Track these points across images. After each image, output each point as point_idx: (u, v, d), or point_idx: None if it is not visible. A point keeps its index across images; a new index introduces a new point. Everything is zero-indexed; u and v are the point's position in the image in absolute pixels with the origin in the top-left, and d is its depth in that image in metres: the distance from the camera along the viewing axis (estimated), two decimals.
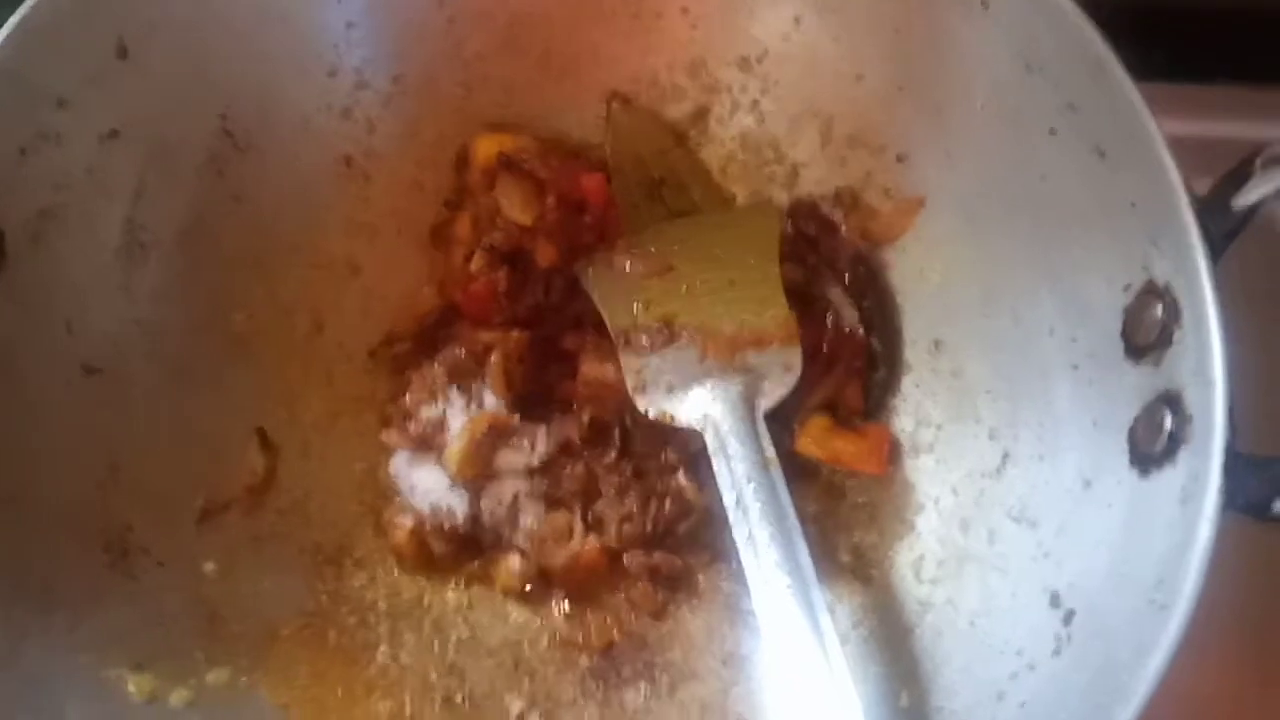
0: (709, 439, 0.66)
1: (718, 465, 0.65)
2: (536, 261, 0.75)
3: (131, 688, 0.62)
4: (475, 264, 0.75)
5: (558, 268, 0.75)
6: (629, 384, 0.70)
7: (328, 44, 0.73)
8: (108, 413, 0.67)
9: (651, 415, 0.69)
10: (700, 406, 0.68)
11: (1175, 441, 0.53)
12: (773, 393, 0.68)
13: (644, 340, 0.71)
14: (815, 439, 0.71)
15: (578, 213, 0.76)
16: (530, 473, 0.72)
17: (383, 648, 0.70)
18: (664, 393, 0.69)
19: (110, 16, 0.64)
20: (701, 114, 0.78)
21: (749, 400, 0.67)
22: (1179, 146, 0.56)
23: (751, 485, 0.63)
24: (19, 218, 0.62)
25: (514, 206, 0.74)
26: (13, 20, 0.61)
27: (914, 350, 0.73)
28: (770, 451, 0.65)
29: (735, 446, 0.65)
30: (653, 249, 0.74)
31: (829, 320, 0.74)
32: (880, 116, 0.72)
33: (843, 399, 0.73)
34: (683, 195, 0.78)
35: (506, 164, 0.75)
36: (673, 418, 0.69)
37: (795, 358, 0.69)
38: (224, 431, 0.72)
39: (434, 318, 0.77)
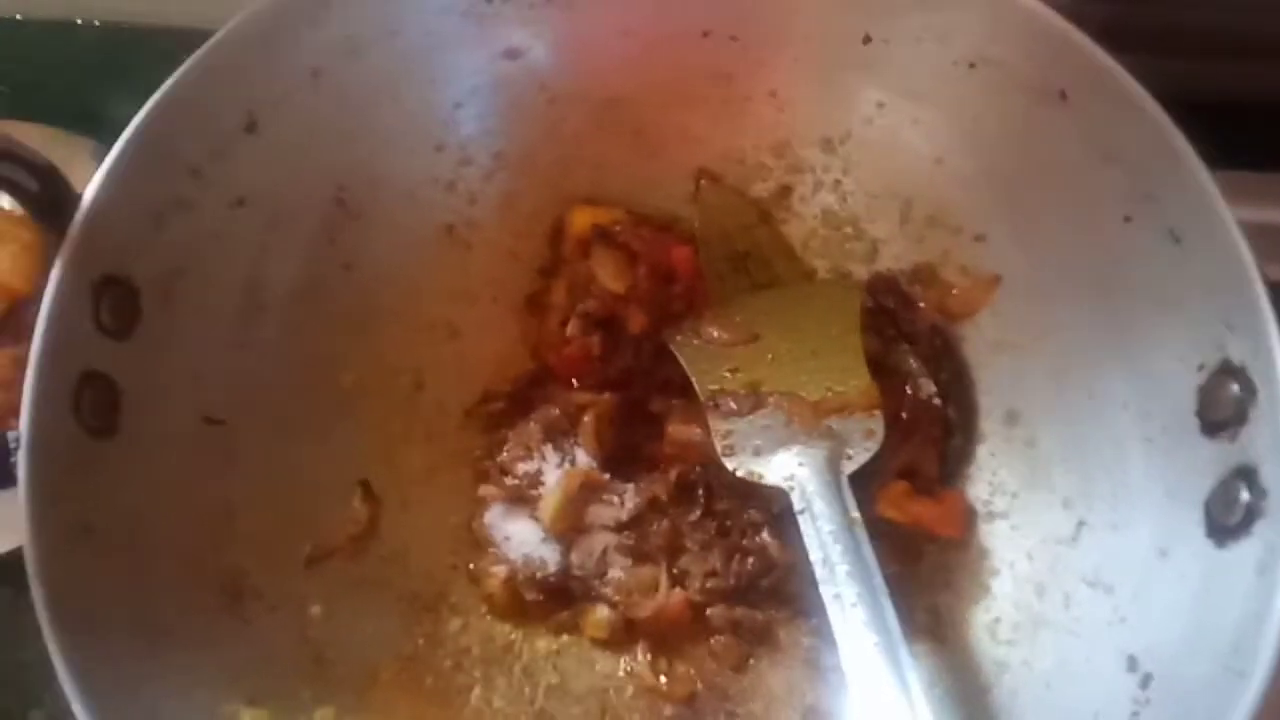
0: (795, 499, 0.69)
1: (804, 525, 0.68)
2: (628, 328, 0.79)
3: None
4: (570, 329, 0.79)
5: (648, 334, 0.79)
6: (718, 446, 0.73)
7: (436, 122, 0.77)
8: (224, 463, 0.71)
9: (740, 474, 0.72)
10: (787, 468, 0.71)
11: (1251, 514, 0.56)
12: (857, 457, 0.71)
13: (732, 405, 0.74)
14: (894, 503, 0.74)
15: (667, 282, 0.80)
16: (619, 527, 0.75)
17: (476, 691, 0.73)
18: (751, 455, 0.72)
19: (242, 93, 0.69)
20: (785, 192, 0.81)
21: (834, 464, 0.70)
22: (1252, 233, 0.58)
23: (839, 546, 0.66)
24: (153, 277, 0.66)
25: (608, 275, 0.79)
26: (157, 94, 0.65)
27: (989, 420, 0.75)
28: (855, 513, 0.68)
29: (821, 507, 0.68)
30: (738, 319, 0.78)
31: (907, 390, 0.77)
32: (959, 198, 0.75)
33: (920, 466, 0.75)
34: (766, 268, 0.81)
35: (601, 235, 0.79)
36: (761, 477, 0.71)
37: (878, 424, 0.72)
38: (330, 482, 0.75)
39: (528, 379, 0.81)
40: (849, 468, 0.70)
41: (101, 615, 0.60)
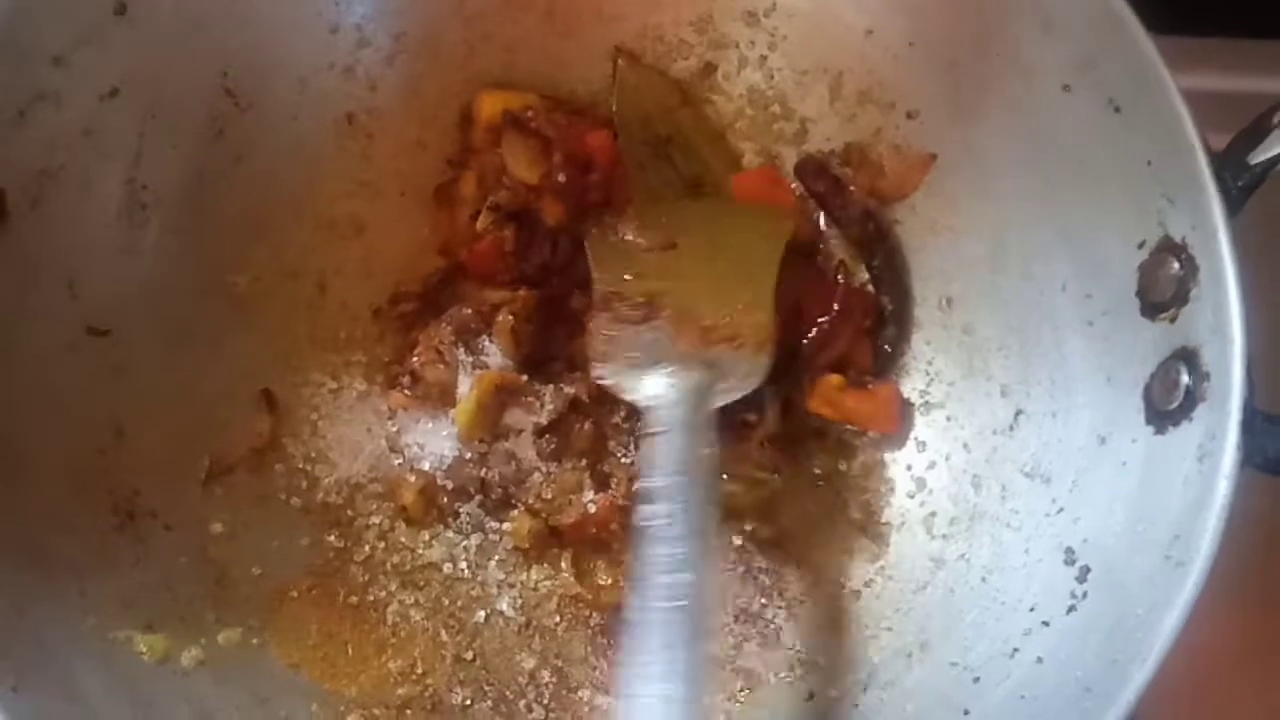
0: (653, 421, 0.65)
1: (651, 448, 0.63)
2: (543, 220, 0.74)
3: (142, 648, 0.61)
4: (481, 223, 0.74)
5: (565, 227, 0.74)
6: (593, 347, 0.69)
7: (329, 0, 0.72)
8: (112, 375, 0.66)
9: (604, 383, 0.68)
10: (656, 388, 0.67)
11: (1192, 398, 0.53)
12: (727, 393, 0.67)
13: (625, 310, 0.70)
14: (826, 398, 0.71)
15: (584, 171, 0.75)
16: (539, 431, 0.72)
17: (393, 606, 0.71)
18: (626, 367, 0.68)
19: None
20: (709, 70, 0.77)
21: (703, 395, 0.66)
22: (1195, 101, 0.55)
23: (676, 479, 0.61)
24: (19, 179, 0.61)
25: (520, 165, 0.74)
26: None
27: (924, 307, 0.73)
28: (708, 450, 0.63)
29: (676, 437, 0.63)
30: (663, 221, 0.73)
31: (838, 279, 0.74)
32: (891, 72, 0.71)
33: (853, 358, 0.72)
34: (690, 154, 0.77)
35: (512, 122, 0.74)
36: (625, 392, 0.68)
37: (761, 367, 0.68)
38: (228, 394, 0.71)
39: (439, 278, 0.76)
40: (717, 402, 0.66)
41: None
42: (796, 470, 0.73)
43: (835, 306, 0.72)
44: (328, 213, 0.75)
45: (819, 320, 0.72)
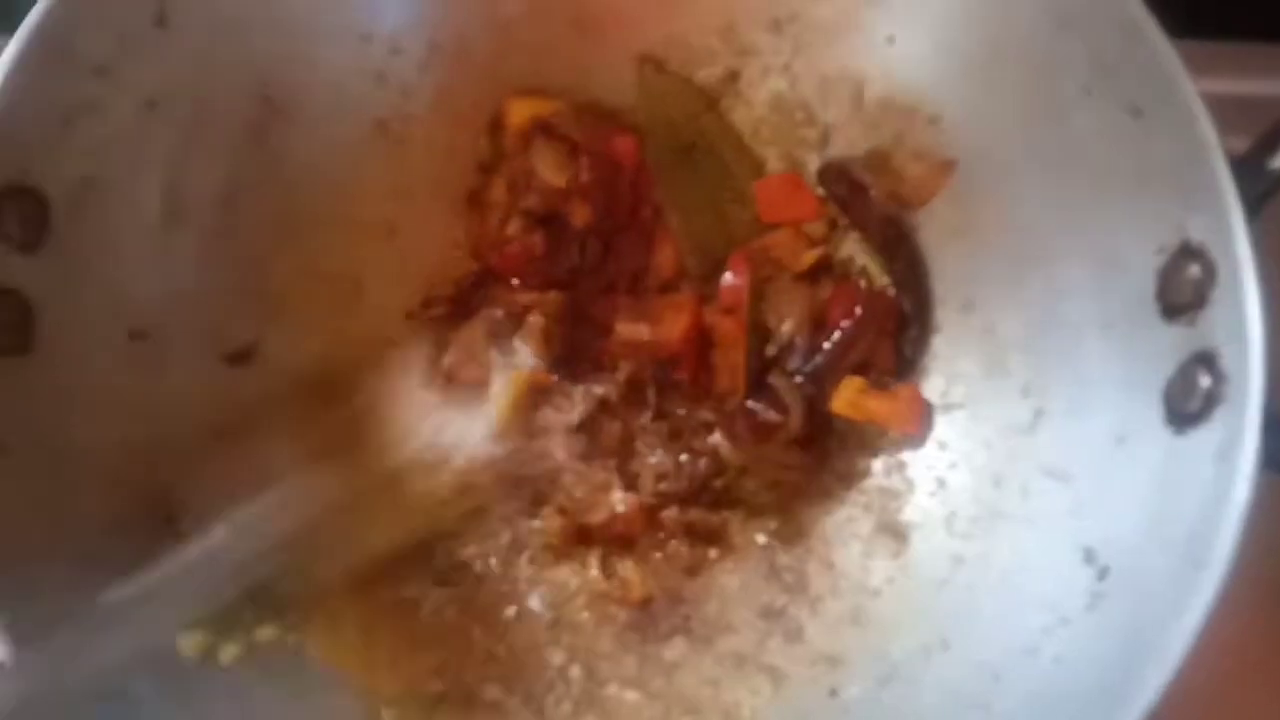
0: None
1: None
2: (572, 223, 0.75)
3: (182, 644, 0.63)
4: (512, 228, 0.75)
5: (593, 229, 0.75)
6: None
7: (362, 9, 0.73)
8: (152, 377, 0.68)
9: None
10: None
11: (1211, 401, 0.54)
12: None
13: None
14: (849, 400, 0.72)
15: (612, 174, 0.76)
16: (569, 431, 0.73)
17: (427, 604, 0.72)
18: None
19: None
20: (733, 77, 0.78)
21: None
22: (1214, 105, 0.56)
23: None
24: (63, 187, 0.63)
25: (548, 169, 0.75)
26: None
27: (945, 309, 0.73)
28: None
29: None
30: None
31: (860, 283, 0.75)
32: (912, 79, 0.72)
33: (875, 360, 0.73)
34: (714, 159, 0.78)
35: (541, 128, 0.76)
36: None
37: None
38: (266, 393, 0.72)
39: (470, 280, 0.78)
40: None
41: (19, 542, 0.58)
42: (819, 470, 0.74)
43: (858, 310, 0.73)
44: (361, 216, 0.76)
45: (842, 324, 0.73)
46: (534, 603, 0.73)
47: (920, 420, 0.72)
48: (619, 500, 0.73)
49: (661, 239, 0.78)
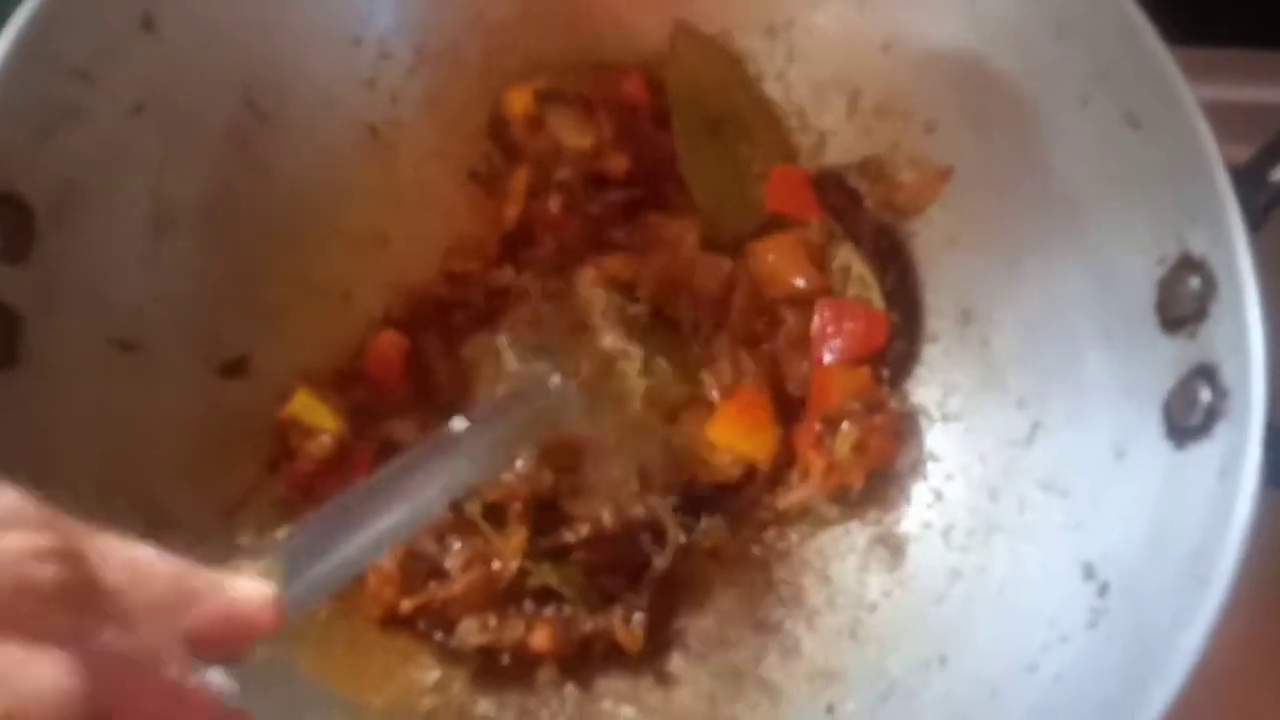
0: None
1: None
2: (611, 175, 0.75)
3: None
4: (553, 205, 0.74)
5: (634, 176, 0.75)
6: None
7: (351, 13, 0.72)
8: (139, 388, 0.67)
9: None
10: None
11: (1212, 415, 0.53)
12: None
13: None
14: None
15: (632, 117, 0.75)
16: None
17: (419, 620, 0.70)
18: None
19: None
20: None
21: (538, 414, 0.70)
22: (1215, 113, 0.55)
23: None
24: (46, 195, 0.62)
25: (572, 134, 0.74)
26: None
27: (942, 320, 0.73)
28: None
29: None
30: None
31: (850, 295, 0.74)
32: (908, 86, 0.72)
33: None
34: (743, 134, 0.77)
35: (548, 97, 0.75)
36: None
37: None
38: (254, 406, 0.71)
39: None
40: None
41: None
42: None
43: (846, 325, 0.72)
44: (351, 224, 0.75)
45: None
46: None
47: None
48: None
49: None
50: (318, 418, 0.70)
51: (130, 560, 0.37)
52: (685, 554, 0.71)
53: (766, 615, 0.71)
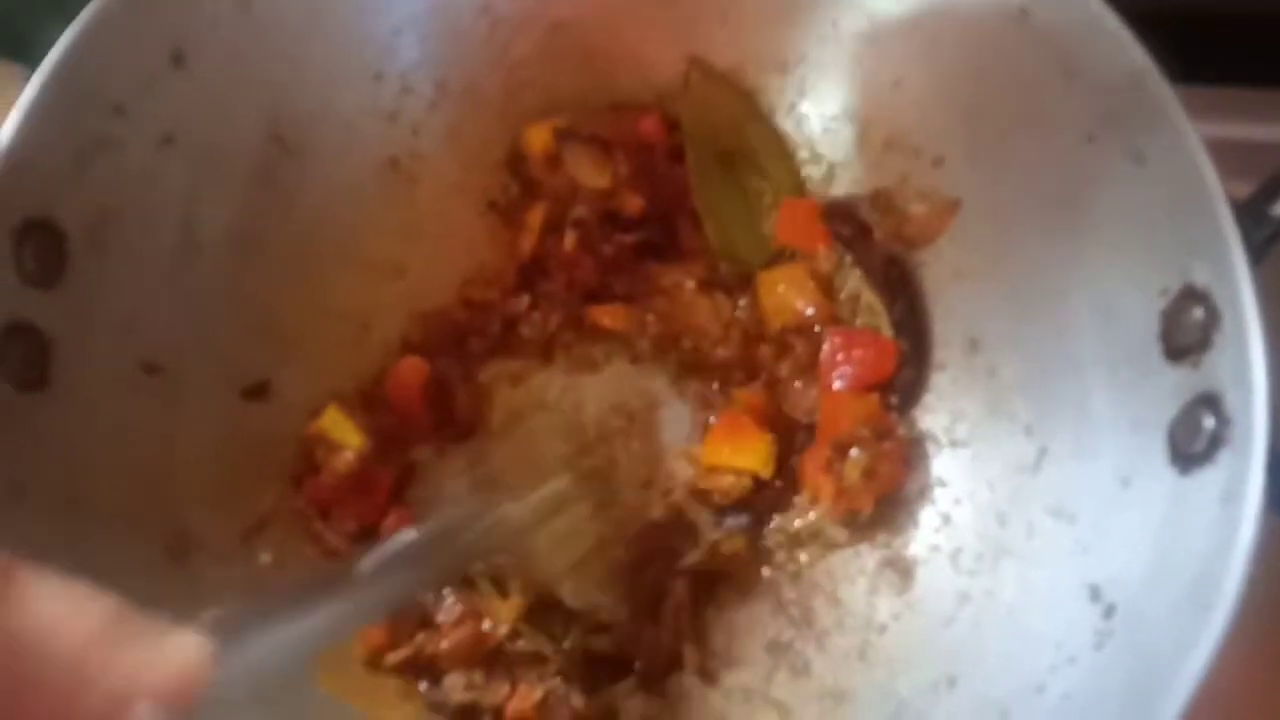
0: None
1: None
2: (626, 215, 0.77)
3: None
4: (568, 242, 0.76)
5: (649, 216, 0.77)
6: None
7: (373, 49, 0.74)
8: (166, 412, 0.68)
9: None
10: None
11: (1216, 442, 0.54)
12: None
13: None
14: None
15: (648, 157, 0.78)
16: None
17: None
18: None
19: (168, 23, 0.66)
20: None
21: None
22: (1218, 150, 0.57)
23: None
24: (80, 222, 0.64)
25: (589, 174, 0.76)
26: (74, 25, 0.62)
27: (949, 349, 0.74)
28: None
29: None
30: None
31: (857, 321, 0.76)
32: (917, 121, 0.73)
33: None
34: (754, 169, 0.79)
35: (566, 136, 0.77)
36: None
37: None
38: (277, 430, 0.73)
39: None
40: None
41: None
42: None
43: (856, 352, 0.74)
44: (371, 254, 0.77)
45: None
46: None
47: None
48: None
49: None
50: (344, 433, 0.72)
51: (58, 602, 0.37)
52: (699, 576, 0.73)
53: (777, 635, 0.72)
